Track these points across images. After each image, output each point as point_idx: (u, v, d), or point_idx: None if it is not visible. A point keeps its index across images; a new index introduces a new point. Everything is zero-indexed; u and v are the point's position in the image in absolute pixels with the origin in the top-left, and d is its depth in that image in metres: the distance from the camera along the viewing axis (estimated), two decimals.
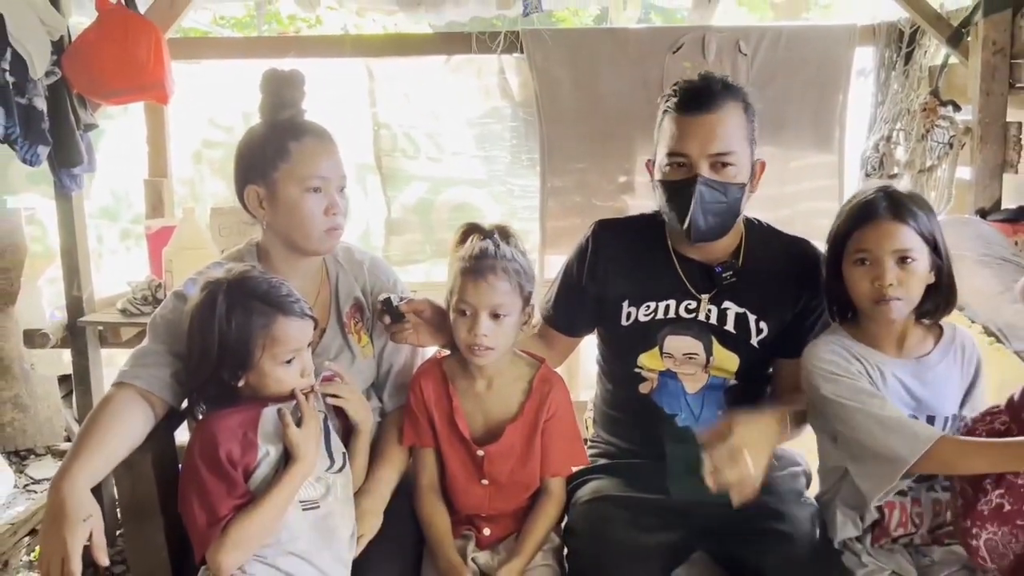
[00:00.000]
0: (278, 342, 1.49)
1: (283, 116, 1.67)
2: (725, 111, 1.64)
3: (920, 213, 1.53)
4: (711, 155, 1.63)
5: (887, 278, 1.51)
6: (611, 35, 3.25)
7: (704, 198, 1.64)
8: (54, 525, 1.39)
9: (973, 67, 2.77)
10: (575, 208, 3.19)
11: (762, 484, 1.68)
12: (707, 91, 1.65)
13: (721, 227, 1.70)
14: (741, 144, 1.66)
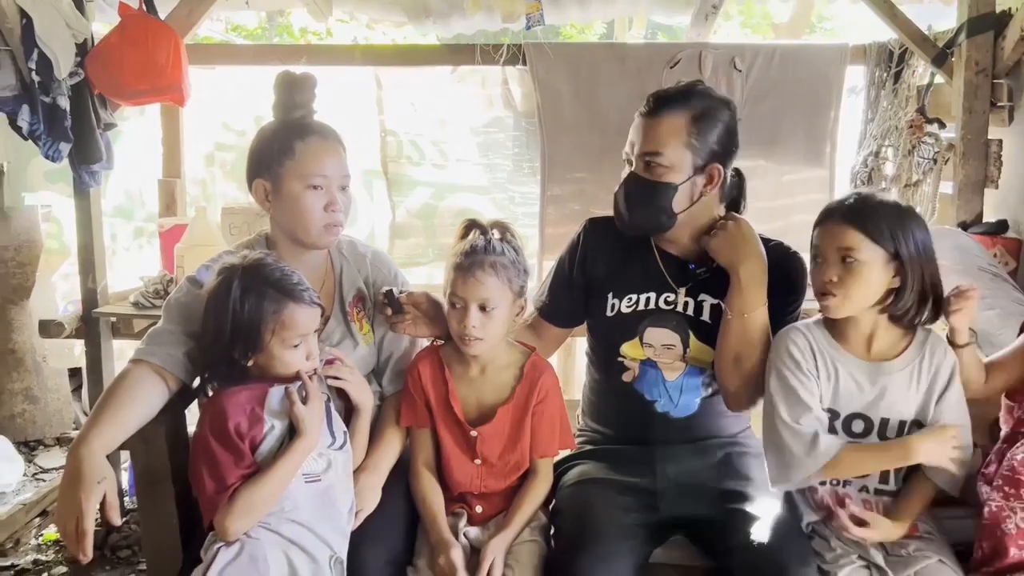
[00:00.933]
0: (287, 327, 1.59)
1: (294, 116, 1.78)
2: (665, 117, 1.75)
3: (881, 220, 1.59)
4: (640, 154, 1.77)
5: (827, 274, 1.61)
6: (611, 50, 3.37)
7: (628, 190, 1.80)
8: (71, 487, 1.49)
9: (957, 86, 2.88)
10: (573, 216, 3.28)
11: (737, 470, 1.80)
12: (659, 99, 1.77)
13: (650, 221, 1.80)
14: (674, 148, 1.74)
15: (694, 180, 1.77)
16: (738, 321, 1.73)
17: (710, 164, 1.78)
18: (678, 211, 1.78)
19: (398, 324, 1.82)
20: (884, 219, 1.60)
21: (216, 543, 1.54)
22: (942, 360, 1.67)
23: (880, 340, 1.68)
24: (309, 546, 1.56)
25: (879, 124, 3.26)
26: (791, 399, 1.67)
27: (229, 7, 3.33)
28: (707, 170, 1.78)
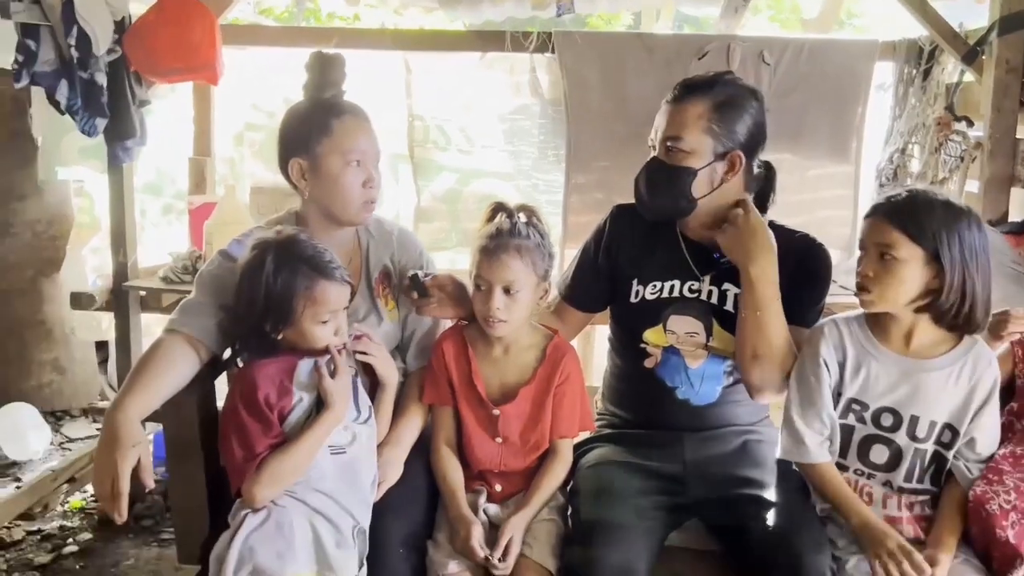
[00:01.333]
0: (318, 303, 1.62)
1: (326, 95, 1.82)
2: (688, 103, 1.78)
3: (923, 219, 1.59)
4: (663, 139, 1.80)
5: (865, 268, 1.63)
6: (639, 40, 3.37)
7: (647, 173, 1.83)
8: (107, 449, 1.54)
9: (986, 85, 2.87)
10: (597, 205, 3.29)
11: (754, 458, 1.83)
12: (686, 86, 1.80)
13: (669, 205, 1.83)
14: (695, 133, 1.77)
15: (714, 166, 1.79)
16: (752, 317, 1.75)
17: (732, 151, 1.79)
18: (697, 196, 1.80)
19: (424, 307, 1.85)
20: (928, 219, 1.59)
21: (243, 509, 1.59)
22: (985, 371, 1.66)
23: (920, 338, 1.68)
24: (333, 515, 1.60)
25: (906, 121, 3.26)
26: (805, 395, 1.72)
27: None
28: (728, 157, 1.80)
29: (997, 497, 1.58)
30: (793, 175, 3.33)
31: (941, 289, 1.60)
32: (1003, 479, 1.60)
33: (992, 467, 1.62)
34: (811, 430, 1.70)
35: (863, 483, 1.71)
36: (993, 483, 1.60)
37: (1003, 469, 1.61)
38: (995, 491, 1.59)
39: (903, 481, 1.69)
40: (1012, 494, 1.58)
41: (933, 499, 1.69)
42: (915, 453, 1.67)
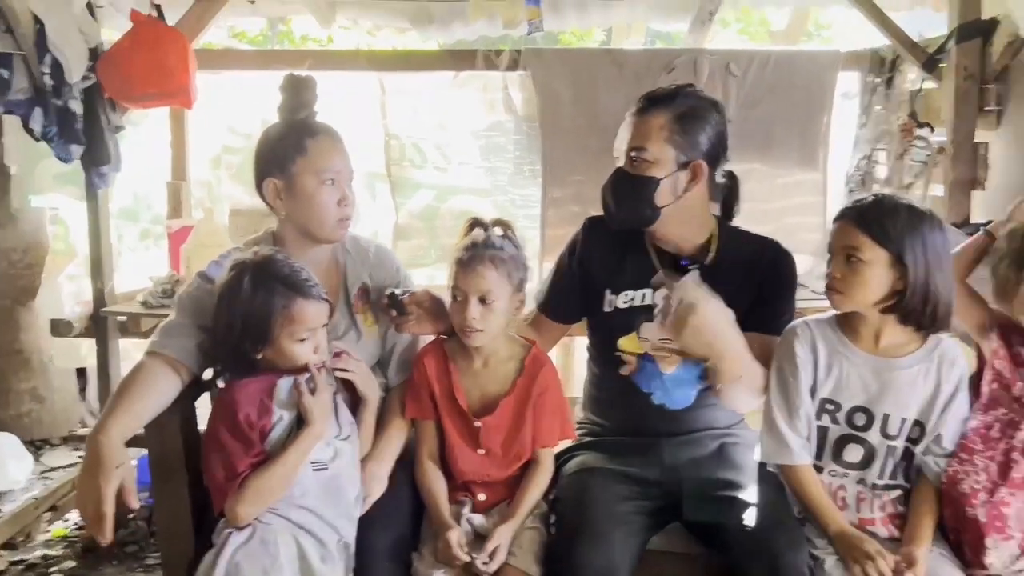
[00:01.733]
0: (295, 321, 1.64)
1: (299, 116, 1.85)
2: (651, 115, 1.82)
3: (888, 223, 1.64)
4: (628, 149, 1.85)
5: (834, 270, 1.69)
6: (609, 55, 3.44)
7: (614, 183, 1.88)
8: (90, 472, 1.55)
9: (946, 91, 2.95)
10: (573, 218, 3.32)
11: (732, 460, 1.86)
12: (648, 99, 1.85)
13: (634, 214, 1.86)
14: (657, 144, 1.81)
15: (677, 176, 1.83)
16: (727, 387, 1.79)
17: (694, 161, 1.83)
18: (661, 205, 1.84)
19: (403, 325, 1.88)
20: (893, 223, 1.64)
21: (228, 528, 1.60)
22: (951, 369, 1.71)
23: (888, 337, 1.72)
24: (317, 531, 1.62)
25: (872, 128, 3.34)
26: (785, 396, 1.76)
27: (236, 13, 3.40)
28: (691, 167, 1.84)
29: (968, 477, 1.65)
30: (763, 184, 3.40)
31: (906, 290, 1.65)
32: (973, 459, 1.67)
33: (964, 444, 1.68)
34: (793, 432, 1.73)
35: (838, 485, 1.75)
36: (964, 463, 1.67)
37: (974, 448, 1.67)
38: (966, 471, 1.66)
39: (876, 478, 1.73)
40: (982, 475, 1.65)
41: (904, 494, 1.73)
42: (887, 451, 1.72)
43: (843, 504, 1.74)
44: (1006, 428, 1.68)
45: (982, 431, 1.69)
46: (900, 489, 1.73)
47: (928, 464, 1.71)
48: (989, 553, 1.62)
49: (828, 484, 1.75)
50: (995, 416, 1.70)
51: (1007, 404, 1.70)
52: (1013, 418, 1.68)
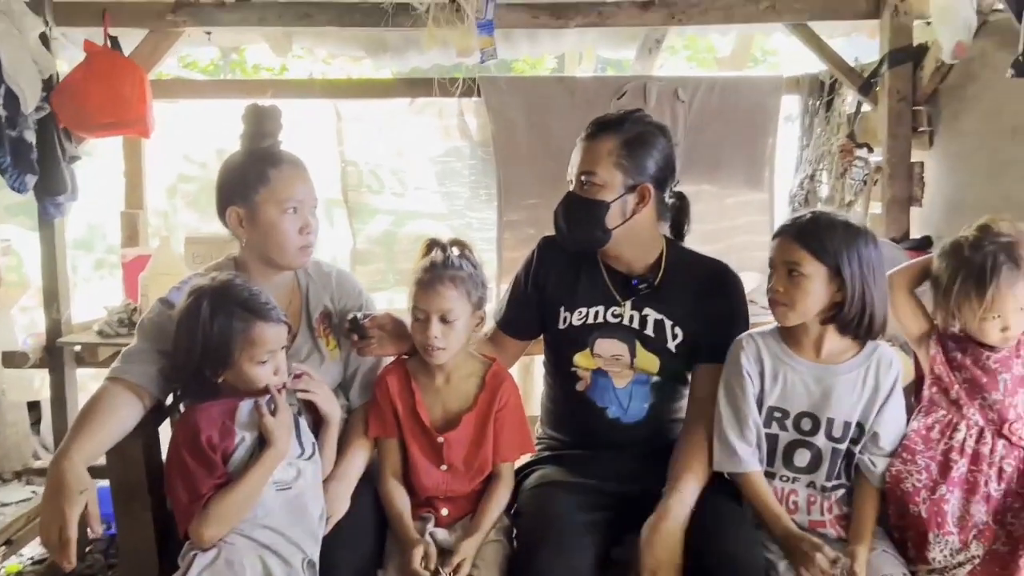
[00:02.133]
0: (255, 344, 1.67)
1: (263, 145, 1.88)
2: (599, 140, 1.89)
3: (827, 238, 1.73)
4: (578, 173, 1.92)
5: (776, 284, 1.77)
6: (561, 83, 3.54)
7: (565, 207, 1.95)
8: (53, 497, 1.55)
9: (881, 113, 3.09)
10: (529, 240, 3.36)
11: None
12: (597, 124, 1.93)
13: (586, 236, 1.93)
14: (606, 167, 1.88)
15: (625, 198, 1.90)
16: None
17: (641, 184, 1.90)
18: (611, 227, 1.91)
19: (365, 348, 1.92)
20: (830, 238, 1.74)
21: (192, 550, 1.61)
22: (887, 372, 1.80)
23: (828, 346, 1.81)
24: (282, 550, 1.63)
25: (813, 149, 3.48)
26: (733, 407, 1.83)
27: (191, 43, 3.43)
28: (639, 189, 1.90)
29: (911, 476, 1.73)
30: (712, 204, 3.51)
31: (844, 302, 1.75)
32: (915, 458, 1.75)
33: (906, 445, 1.77)
34: (742, 441, 1.80)
35: (789, 489, 1.82)
36: (907, 462, 1.75)
37: (915, 448, 1.76)
38: (908, 470, 1.74)
39: (824, 480, 1.80)
40: (923, 473, 1.73)
41: (848, 493, 1.82)
42: (833, 453, 1.80)
43: (795, 508, 1.81)
44: (945, 429, 1.78)
45: (923, 432, 1.78)
46: (844, 488, 1.81)
47: (866, 463, 1.79)
48: (932, 548, 1.70)
49: (780, 489, 1.82)
50: (935, 418, 1.80)
51: (946, 406, 1.80)
52: (952, 419, 1.78)
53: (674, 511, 1.75)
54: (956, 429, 1.77)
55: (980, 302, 1.72)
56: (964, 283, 1.74)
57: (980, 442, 1.75)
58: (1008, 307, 1.73)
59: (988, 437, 1.75)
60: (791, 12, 3.11)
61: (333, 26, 3.05)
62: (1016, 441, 1.75)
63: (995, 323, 1.74)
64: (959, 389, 1.79)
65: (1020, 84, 2.45)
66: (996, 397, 1.77)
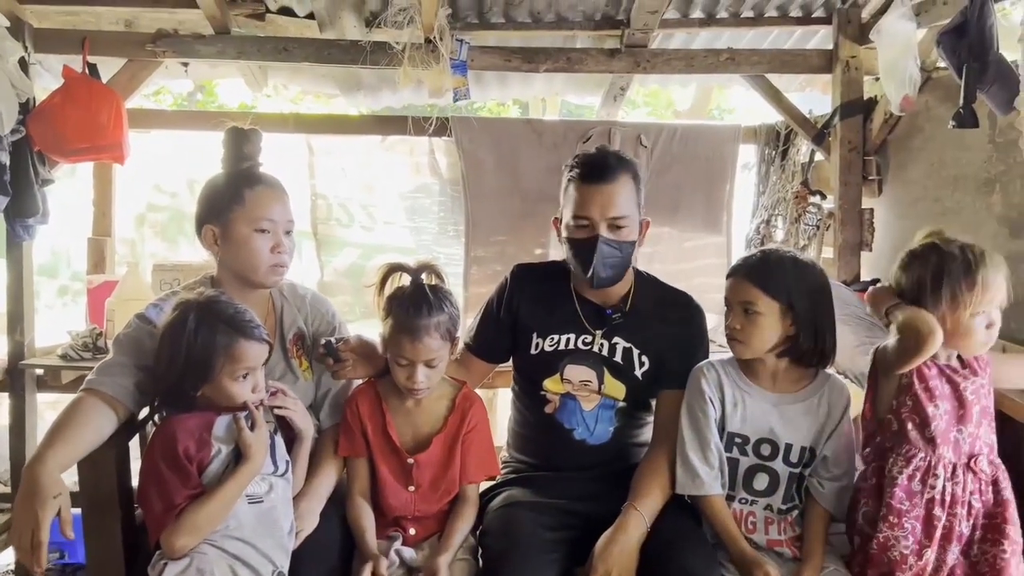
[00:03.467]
0: (236, 360, 1.70)
1: (242, 167, 1.94)
2: (619, 182, 1.95)
3: (778, 276, 1.82)
4: (609, 219, 1.94)
5: (733, 322, 1.85)
6: (529, 125, 3.65)
7: (603, 253, 1.94)
8: (27, 501, 1.56)
9: (834, 162, 3.25)
10: (496, 276, 3.43)
11: None
12: (604, 164, 1.96)
13: (617, 276, 2.01)
14: (631, 209, 1.97)
15: (638, 234, 2.00)
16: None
17: (643, 219, 2.02)
18: (632, 263, 2.02)
19: (339, 372, 1.95)
20: (781, 276, 1.82)
21: (163, 559, 1.62)
22: (836, 400, 1.89)
23: (783, 377, 1.90)
24: (253, 561, 1.65)
25: (769, 196, 3.63)
26: (696, 431, 1.90)
27: (169, 75, 3.48)
28: (642, 224, 2.01)
29: (898, 544, 1.73)
30: (672, 246, 3.63)
31: (798, 335, 1.83)
32: (902, 522, 1.73)
33: (891, 506, 1.74)
34: (705, 464, 1.87)
35: (747, 511, 1.89)
36: (894, 527, 1.73)
37: (902, 509, 1.73)
38: (896, 536, 1.73)
39: (780, 503, 1.88)
40: (910, 538, 1.73)
41: (801, 514, 1.89)
42: (789, 477, 1.87)
43: (753, 528, 1.88)
44: (925, 476, 1.76)
45: (906, 485, 1.75)
46: (797, 509, 1.89)
47: (815, 485, 1.87)
48: None
49: (739, 511, 1.89)
50: (915, 465, 1.76)
51: (923, 446, 1.76)
52: (929, 460, 1.76)
53: (631, 525, 1.81)
54: (935, 474, 1.75)
55: (971, 290, 1.71)
56: (951, 275, 1.73)
57: (954, 481, 1.75)
58: (995, 299, 1.74)
59: (960, 474, 1.76)
60: (749, 64, 3.27)
61: (310, 62, 3.12)
62: (979, 474, 1.76)
63: (982, 319, 1.75)
64: (938, 423, 1.76)
65: (961, 137, 2.62)
66: (970, 430, 1.78)
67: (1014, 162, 2.42)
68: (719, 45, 3.39)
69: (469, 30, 3.22)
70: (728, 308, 1.88)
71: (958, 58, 2.23)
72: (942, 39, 2.27)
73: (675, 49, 3.35)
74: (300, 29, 3.21)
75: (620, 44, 3.23)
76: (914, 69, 2.68)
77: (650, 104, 7.99)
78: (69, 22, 3.18)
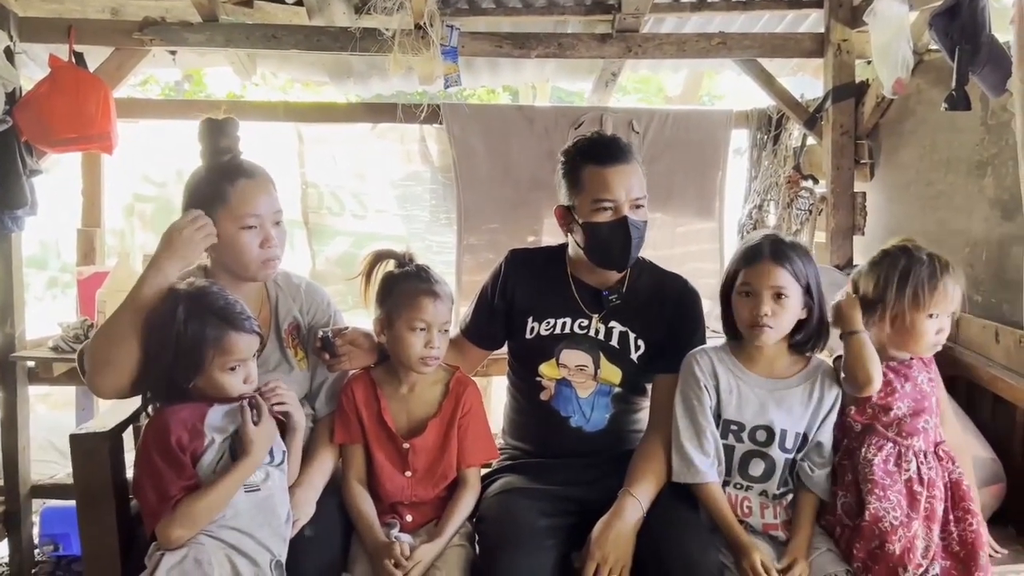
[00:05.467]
0: (226, 352, 1.69)
1: (222, 160, 1.88)
2: (632, 163, 1.97)
3: (796, 259, 1.84)
4: (632, 199, 1.95)
5: (763, 309, 1.82)
6: (521, 111, 3.65)
7: (632, 235, 1.95)
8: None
9: (826, 146, 3.25)
10: (488, 264, 3.45)
11: None
12: (618, 146, 1.98)
13: (636, 255, 2.01)
14: (646, 188, 1.99)
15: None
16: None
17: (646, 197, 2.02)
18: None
19: (336, 365, 1.94)
20: (801, 259, 1.85)
21: (160, 550, 1.61)
22: (829, 387, 1.90)
23: (780, 362, 1.91)
24: (250, 551, 1.64)
25: (761, 181, 3.63)
26: (687, 418, 1.90)
27: (156, 64, 3.45)
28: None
29: (888, 514, 1.76)
30: (664, 232, 3.63)
31: (808, 318, 1.85)
32: (888, 494, 1.77)
33: (875, 481, 1.79)
34: (700, 452, 1.87)
35: (742, 497, 1.89)
36: (882, 499, 1.77)
37: (885, 483, 1.78)
38: (885, 508, 1.76)
39: (776, 489, 1.88)
40: (897, 510, 1.77)
41: (793, 498, 1.90)
42: (785, 463, 1.88)
43: (748, 512, 1.88)
44: (898, 460, 1.82)
45: (882, 465, 1.81)
46: (791, 494, 1.90)
47: (806, 469, 1.88)
48: None
49: (734, 496, 1.89)
50: (887, 452, 1.82)
51: (891, 438, 1.83)
52: (899, 449, 1.82)
53: (627, 512, 1.82)
54: (907, 459, 1.82)
55: (932, 293, 1.80)
56: (917, 276, 1.81)
57: (927, 465, 1.82)
58: (950, 306, 1.84)
59: (931, 459, 1.83)
60: (741, 48, 3.26)
61: (300, 49, 3.09)
62: (943, 459, 1.84)
63: (934, 322, 1.83)
64: (904, 418, 1.84)
65: (953, 120, 2.62)
66: (934, 420, 1.86)
67: (1006, 144, 2.43)
68: (710, 29, 3.37)
69: (459, 16, 3.20)
70: (752, 296, 1.83)
71: (950, 40, 2.23)
72: (934, 21, 2.27)
73: (666, 34, 3.34)
74: (289, 16, 3.18)
75: (611, 29, 3.22)
76: (907, 52, 2.67)
77: (640, 90, 7.98)
78: (55, 10, 3.14)
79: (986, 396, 2.29)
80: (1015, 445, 2.17)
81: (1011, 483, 2.16)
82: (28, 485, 3.04)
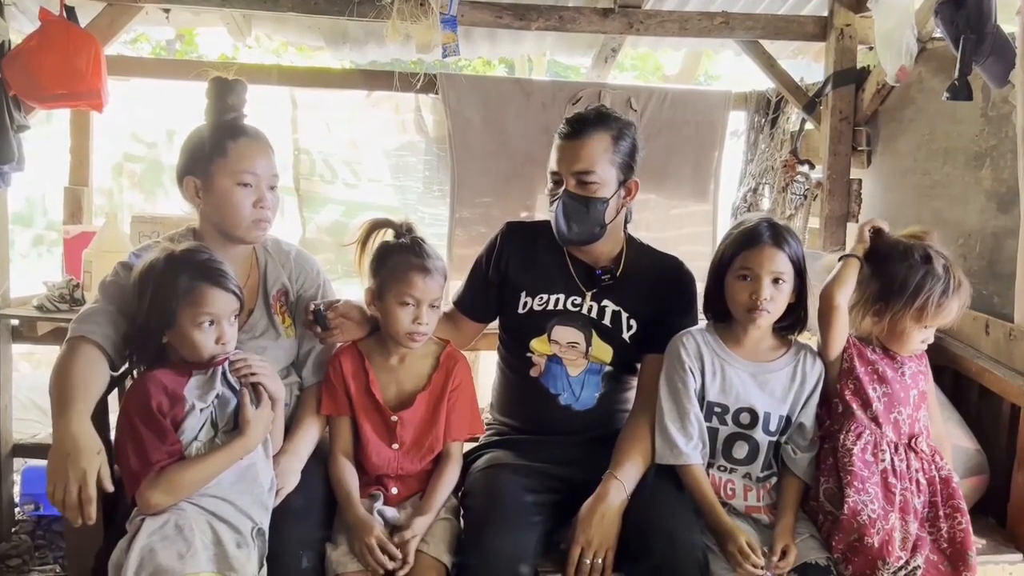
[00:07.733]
0: (196, 304, 1.66)
1: (226, 118, 1.89)
2: (590, 137, 1.93)
3: (793, 242, 1.85)
4: (574, 172, 1.93)
5: (764, 293, 1.81)
6: (518, 84, 3.60)
7: (566, 208, 1.94)
8: (73, 460, 1.54)
9: (824, 132, 3.23)
10: (480, 238, 3.43)
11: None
12: (580, 122, 1.95)
13: (585, 233, 1.97)
14: (603, 165, 1.93)
15: (619, 193, 1.97)
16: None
17: (629, 178, 1.98)
18: (608, 222, 1.97)
19: (328, 338, 1.93)
20: (794, 242, 1.85)
21: (141, 514, 1.60)
22: (812, 366, 1.92)
23: (764, 345, 1.92)
24: (232, 518, 1.64)
25: (757, 164, 3.61)
26: (672, 400, 1.90)
27: (148, 22, 3.38)
28: (627, 184, 1.99)
29: (866, 508, 1.77)
30: (658, 213, 3.61)
31: (797, 302, 1.86)
32: (866, 487, 1.79)
33: (854, 472, 1.80)
34: (683, 434, 1.86)
35: (726, 479, 1.90)
36: (860, 492, 1.78)
37: (863, 475, 1.80)
38: (863, 501, 1.77)
39: (760, 471, 1.89)
40: (875, 503, 1.78)
41: (778, 481, 1.91)
42: (768, 446, 1.89)
43: (732, 494, 1.89)
44: (875, 450, 1.84)
45: (861, 456, 1.82)
46: (774, 476, 1.91)
47: (788, 452, 1.89)
48: (881, 574, 1.75)
49: (718, 478, 1.90)
50: (865, 440, 1.84)
51: (867, 423, 1.86)
52: (875, 438, 1.85)
53: (612, 493, 1.82)
54: (882, 448, 1.84)
55: (939, 312, 1.83)
56: (930, 293, 1.82)
57: (899, 457, 1.84)
58: (945, 323, 1.87)
59: (903, 452, 1.85)
60: (743, 28, 3.23)
61: (297, 11, 3.03)
62: (920, 454, 1.86)
63: (925, 332, 1.87)
64: (878, 404, 1.86)
65: (953, 109, 2.61)
66: (908, 412, 1.87)
67: (1005, 136, 2.41)
68: (713, 8, 3.34)
69: None
70: (751, 279, 1.82)
71: (955, 29, 2.20)
72: (940, 9, 2.24)
73: (669, 11, 3.29)
74: None
75: (613, 3, 3.17)
76: (911, 39, 2.65)
77: (638, 68, 7.92)
78: None
79: (972, 387, 2.29)
80: (1000, 437, 2.18)
81: (994, 474, 2.17)
82: (10, 444, 3.03)
